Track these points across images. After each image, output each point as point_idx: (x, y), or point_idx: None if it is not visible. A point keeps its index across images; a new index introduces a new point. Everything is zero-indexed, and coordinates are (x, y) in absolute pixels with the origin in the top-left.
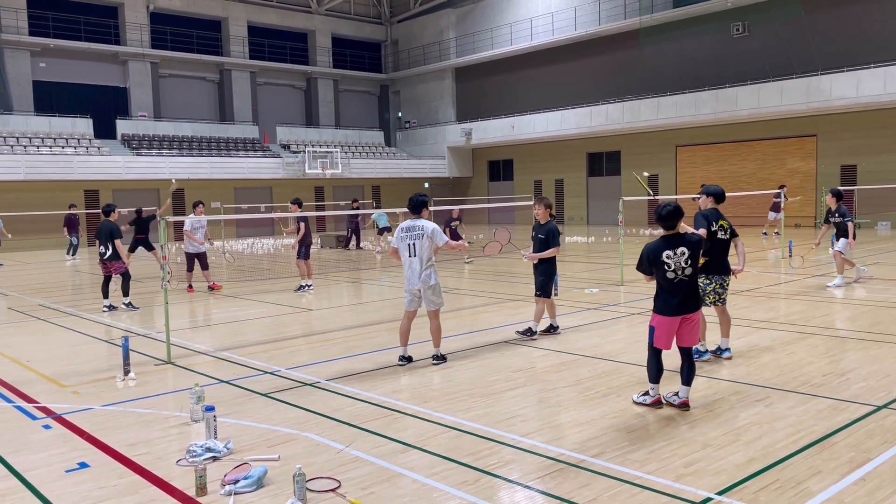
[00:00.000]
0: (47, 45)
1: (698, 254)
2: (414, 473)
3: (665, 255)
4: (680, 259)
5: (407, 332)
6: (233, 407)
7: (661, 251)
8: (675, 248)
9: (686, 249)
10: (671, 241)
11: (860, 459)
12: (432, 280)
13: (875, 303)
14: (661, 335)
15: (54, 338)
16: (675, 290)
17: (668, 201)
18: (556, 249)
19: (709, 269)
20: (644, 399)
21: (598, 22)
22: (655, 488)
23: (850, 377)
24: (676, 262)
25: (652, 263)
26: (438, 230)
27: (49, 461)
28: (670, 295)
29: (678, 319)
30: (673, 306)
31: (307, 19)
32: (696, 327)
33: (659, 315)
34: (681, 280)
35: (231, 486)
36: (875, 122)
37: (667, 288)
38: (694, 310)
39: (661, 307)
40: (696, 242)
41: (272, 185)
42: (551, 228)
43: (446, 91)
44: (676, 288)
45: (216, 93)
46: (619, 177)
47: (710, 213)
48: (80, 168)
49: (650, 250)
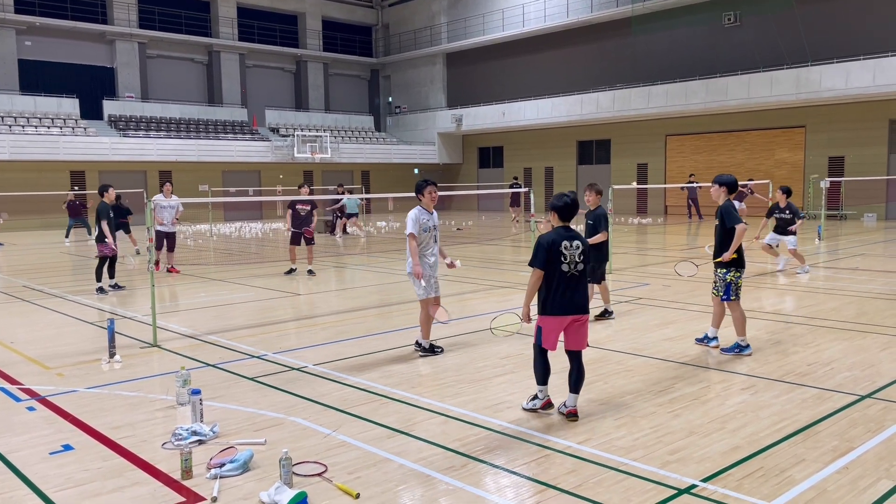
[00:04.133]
0: (33, 24)
1: (589, 253)
2: (401, 458)
3: (563, 246)
4: (575, 252)
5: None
6: (219, 391)
7: (560, 241)
8: (571, 241)
9: (580, 244)
10: (567, 234)
11: (843, 448)
12: (407, 269)
13: (860, 294)
14: (549, 335)
15: (39, 319)
16: (567, 286)
17: (566, 192)
18: (604, 234)
19: (737, 262)
20: (533, 404)
21: (590, 9)
22: (641, 475)
23: (834, 367)
24: (571, 254)
25: (549, 253)
26: (410, 219)
27: (33, 443)
28: (561, 291)
29: (568, 319)
30: (563, 304)
31: (298, 2)
32: (584, 329)
33: (547, 315)
34: (573, 275)
35: (217, 470)
36: (863, 115)
37: (559, 283)
38: (584, 311)
39: (550, 306)
40: (588, 244)
41: (260, 168)
42: (601, 214)
43: (437, 76)
44: (568, 283)
45: (205, 74)
46: (608, 165)
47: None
48: (66, 148)
49: (548, 240)
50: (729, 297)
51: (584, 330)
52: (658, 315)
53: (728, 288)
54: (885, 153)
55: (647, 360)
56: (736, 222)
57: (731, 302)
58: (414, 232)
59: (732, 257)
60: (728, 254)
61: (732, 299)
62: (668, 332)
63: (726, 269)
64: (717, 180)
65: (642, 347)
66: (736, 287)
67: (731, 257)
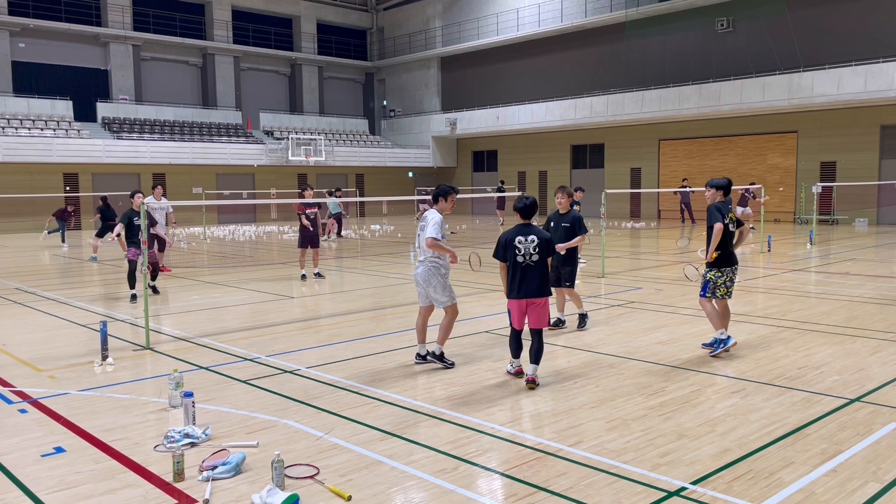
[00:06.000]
0: (27, 25)
1: (546, 247)
2: (393, 461)
3: (517, 241)
4: (529, 246)
5: (422, 329)
6: (212, 393)
7: (514, 236)
8: (527, 236)
9: (536, 238)
10: (524, 230)
11: (832, 451)
12: (429, 276)
13: (851, 298)
14: (516, 316)
15: (31, 322)
16: (522, 274)
17: (526, 195)
18: (583, 238)
19: (719, 262)
20: (508, 369)
21: (584, 14)
22: (631, 477)
23: (824, 371)
24: (526, 248)
25: (506, 248)
26: (434, 223)
27: (24, 445)
28: (518, 279)
29: (525, 302)
30: (519, 290)
31: (292, 4)
32: (543, 311)
33: (510, 299)
34: (528, 265)
35: (209, 472)
36: (855, 120)
37: (515, 272)
38: (539, 295)
39: (510, 291)
40: (546, 238)
41: (255, 171)
42: (576, 217)
43: (431, 80)
44: (524, 272)
45: (199, 77)
46: (602, 169)
47: (722, 206)
48: (60, 151)
49: (505, 237)
50: (705, 293)
51: (542, 311)
52: (650, 319)
53: (706, 285)
54: (876, 158)
55: (638, 363)
56: (713, 221)
57: (703, 298)
58: (437, 237)
59: (713, 256)
60: (708, 253)
61: (708, 296)
62: (659, 335)
63: (707, 268)
64: (711, 184)
65: (634, 350)
66: (714, 286)
67: (713, 256)
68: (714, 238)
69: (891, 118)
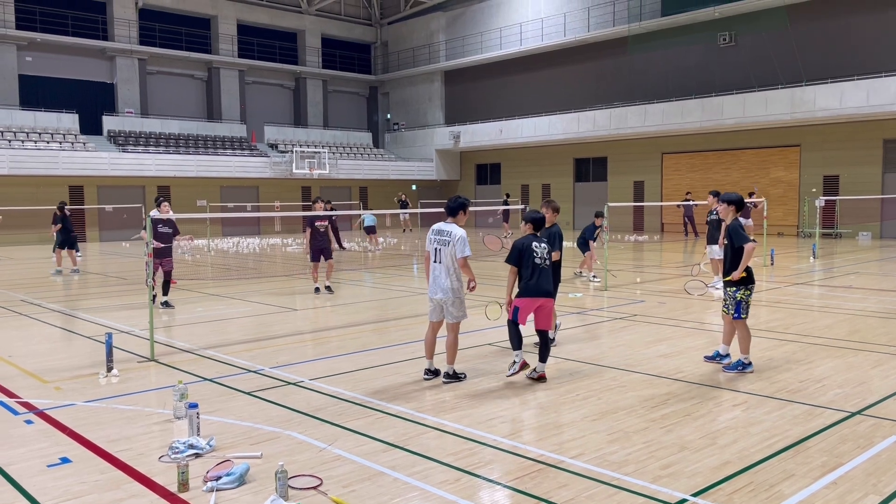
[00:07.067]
0: (34, 39)
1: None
2: (395, 472)
3: (534, 245)
4: (543, 251)
5: (431, 344)
6: (216, 404)
7: (530, 243)
8: (540, 243)
9: (546, 246)
10: (537, 238)
11: (833, 464)
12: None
13: (854, 312)
14: (523, 313)
15: (37, 333)
16: (540, 274)
17: (536, 209)
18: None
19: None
20: (513, 370)
21: (587, 29)
22: (632, 489)
23: (825, 384)
24: (542, 251)
25: (522, 253)
26: (465, 240)
27: (30, 456)
28: (536, 278)
29: (538, 301)
30: (537, 287)
31: (297, 19)
32: (549, 313)
33: (523, 297)
34: (544, 267)
35: (213, 483)
36: (857, 134)
37: (533, 273)
38: (548, 296)
39: (524, 290)
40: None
41: (259, 184)
42: (555, 232)
43: (435, 94)
44: (540, 272)
45: (204, 91)
46: (605, 183)
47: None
48: (65, 163)
49: (521, 243)
50: (740, 314)
51: (549, 313)
52: (653, 332)
53: (739, 306)
54: (879, 172)
55: (640, 375)
56: (744, 241)
57: (740, 321)
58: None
59: (742, 276)
60: (738, 272)
61: (743, 317)
62: (661, 348)
63: (736, 287)
64: (725, 199)
65: (636, 363)
66: (746, 305)
67: (740, 276)
68: (745, 258)
69: (894, 132)
